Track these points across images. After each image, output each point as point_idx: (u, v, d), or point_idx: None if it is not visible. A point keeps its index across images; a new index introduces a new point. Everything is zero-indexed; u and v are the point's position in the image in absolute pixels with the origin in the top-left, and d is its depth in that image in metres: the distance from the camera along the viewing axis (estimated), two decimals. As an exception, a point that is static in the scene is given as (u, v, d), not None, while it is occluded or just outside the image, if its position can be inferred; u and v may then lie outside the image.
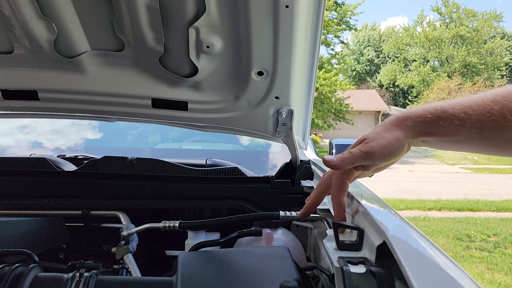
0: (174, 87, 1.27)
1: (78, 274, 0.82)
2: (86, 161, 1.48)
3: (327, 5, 13.27)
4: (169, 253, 1.47)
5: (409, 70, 36.92)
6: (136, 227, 1.20)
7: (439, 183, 9.77)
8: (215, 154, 2.38)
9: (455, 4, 33.19)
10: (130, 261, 1.11)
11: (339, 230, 0.73)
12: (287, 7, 0.95)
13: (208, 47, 1.09)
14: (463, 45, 33.13)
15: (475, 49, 32.55)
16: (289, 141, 1.41)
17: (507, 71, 34.63)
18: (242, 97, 1.26)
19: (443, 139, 0.68)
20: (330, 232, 0.74)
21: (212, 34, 1.06)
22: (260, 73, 1.16)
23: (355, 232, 0.71)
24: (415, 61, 36.13)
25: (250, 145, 2.56)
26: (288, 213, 1.09)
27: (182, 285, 0.79)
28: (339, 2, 17.89)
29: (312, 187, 1.28)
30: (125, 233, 1.18)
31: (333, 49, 19.19)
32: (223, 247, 1.12)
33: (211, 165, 1.62)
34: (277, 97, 1.23)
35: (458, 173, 12.27)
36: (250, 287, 0.79)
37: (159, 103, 1.32)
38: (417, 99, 34.25)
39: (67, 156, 1.77)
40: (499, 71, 33.42)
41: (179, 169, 1.45)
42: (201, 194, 1.44)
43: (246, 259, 0.91)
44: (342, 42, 21.21)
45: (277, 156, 2.17)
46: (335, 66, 20.20)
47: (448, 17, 34.28)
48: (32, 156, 1.60)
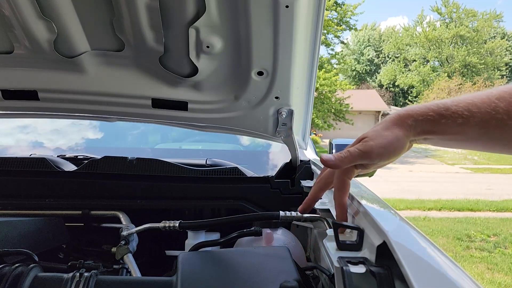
0: (174, 87, 1.27)
1: (78, 274, 0.82)
2: (86, 161, 1.48)
3: (327, 5, 13.25)
4: (169, 253, 1.47)
5: (409, 70, 36.92)
6: (136, 227, 1.20)
7: (439, 183, 9.77)
8: (215, 154, 2.38)
9: (455, 4, 33.19)
10: (130, 261, 1.11)
11: (339, 230, 0.73)
12: (287, 7, 0.95)
13: (208, 47, 1.09)
14: (463, 45, 33.14)
15: (475, 49, 32.55)
16: (289, 141, 1.41)
17: (507, 71, 34.63)
18: (242, 97, 1.26)
19: (446, 137, 0.66)
20: (330, 232, 0.74)
21: (212, 34, 1.06)
22: (260, 73, 1.16)
23: (355, 232, 0.71)
24: (415, 61, 36.13)
25: (250, 145, 2.56)
26: (288, 213, 1.09)
27: (182, 285, 0.79)
28: (339, 2, 17.89)
29: (312, 187, 1.28)
30: (125, 233, 1.18)
31: (333, 49, 19.19)
32: (223, 247, 1.12)
33: (211, 165, 1.62)
34: (277, 97, 1.23)
35: (458, 173, 12.27)
36: (250, 287, 0.79)
37: (159, 103, 1.32)
38: (417, 99, 34.26)
39: (67, 156, 1.77)
40: (499, 71, 33.43)
41: (179, 169, 1.45)
42: (201, 194, 1.44)
43: (246, 259, 0.90)
44: (342, 42, 21.21)
45: (277, 156, 2.17)
46: (335, 66, 20.20)
47: (448, 17, 34.29)
48: (32, 156, 1.60)
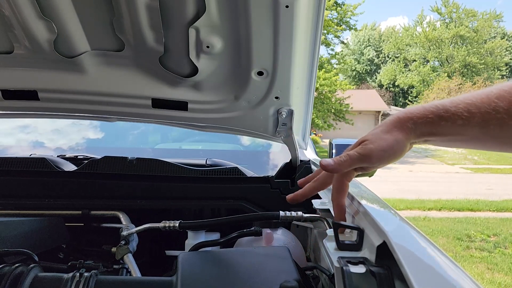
0: (174, 87, 1.27)
1: (78, 274, 0.82)
2: (86, 161, 1.48)
3: (327, 5, 13.24)
4: (169, 253, 1.47)
5: (409, 70, 36.93)
6: (136, 227, 1.20)
7: (439, 183, 9.77)
8: (215, 154, 2.38)
9: (455, 4, 33.20)
10: (130, 261, 1.11)
11: (339, 230, 0.73)
12: (287, 7, 0.95)
13: (208, 47, 1.09)
14: (463, 45, 33.14)
15: (475, 49, 32.56)
16: (289, 141, 1.41)
17: (507, 71, 34.63)
18: (242, 97, 1.26)
19: (446, 138, 0.65)
20: (330, 232, 0.74)
21: (212, 34, 1.06)
22: (260, 73, 1.16)
23: (355, 232, 0.71)
24: (415, 61, 36.14)
25: (250, 145, 2.56)
26: (288, 213, 1.09)
27: (182, 285, 0.79)
28: (339, 2, 17.89)
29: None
30: (125, 233, 1.18)
31: (333, 49, 19.19)
32: (223, 247, 1.12)
33: (211, 165, 1.62)
34: (277, 97, 1.23)
35: (458, 173, 12.27)
36: (250, 287, 0.79)
37: (159, 103, 1.32)
38: (417, 99, 34.27)
39: (67, 156, 1.77)
40: (499, 71, 33.43)
41: (179, 169, 1.45)
42: (201, 194, 1.44)
43: (246, 259, 0.90)
44: (342, 42, 21.21)
45: (277, 156, 2.17)
46: (335, 66, 20.20)
47: (448, 17, 34.30)
48: (32, 156, 1.60)
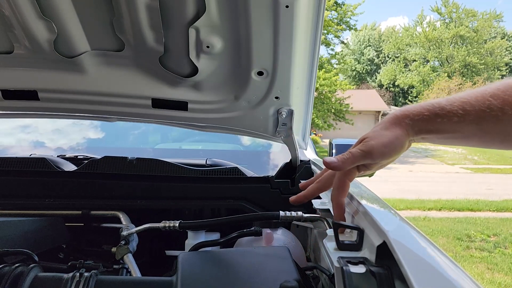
0: (174, 87, 1.27)
1: (78, 274, 0.82)
2: (86, 161, 1.48)
3: (327, 5, 13.25)
4: (169, 253, 1.47)
5: (409, 70, 36.93)
6: (136, 227, 1.20)
7: (439, 183, 9.77)
8: (215, 154, 2.38)
9: (455, 4, 33.19)
10: (130, 261, 1.11)
11: (339, 230, 0.73)
12: (287, 7, 0.95)
13: (208, 47, 1.09)
14: (463, 45, 33.14)
15: (475, 49, 32.56)
16: (289, 141, 1.41)
17: (507, 71, 34.61)
18: (242, 97, 1.26)
19: (443, 135, 0.67)
20: (330, 232, 0.74)
21: (212, 34, 1.06)
22: (260, 73, 1.16)
23: (355, 232, 0.71)
24: (415, 61, 36.14)
25: (250, 145, 2.56)
26: (288, 213, 1.09)
27: (182, 285, 0.79)
28: (339, 2, 17.89)
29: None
30: (125, 233, 1.18)
31: (333, 49, 19.18)
32: (223, 247, 1.12)
33: (211, 165, 1.62)
34: (277, 97, 1.23)
35: (458, 173, 12.27)
36: (250, 287, 0.79)
37: (159, 103, 1.32)
38: (417, 99, 34.27)
39: (67, 156, 1.77)
40: (499, 71, 33.43)
41: (179, 169, 1.45)
42: (201, 194, 1.44)
43: (246, 259, 0.90)
44: (342, 42, 21.20)
45: (277, 156, 2.17)
46: (335, 66, 20.19)
47: (448, 17, 34.30)
48: (32, 156, 1.60)
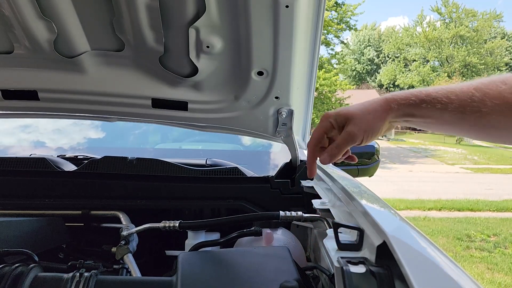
0: (174, 87, 1.27)
1: (78, 274, 0.82)
2: (86, 161, 1.48)
3: (327, 5, 13.24)
4: (169, 253, 1.47)
5: (409, 70, 36.91)
6: (136, 227, 1.20)
7: (439, 183, 9.77)
8: (215, 154, 2.37)
9: (455, 4, 33.18)
10: (130, 261, 1.11)
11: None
12: (287, 7, 0.95)
13: (208, 47, 1.09)
14: (463, 45, 33.12)
15: (475, 49, 32.54)
16: (289, 141, 1.41)
17: (507, 71, 34.61)
18: (242, 97, 1.26)
19: (426, 120, 0.72)
20: (330, 232, 0.74)
21: (212, 34, 1.06)
22: (260, 73, 1.16)
23: (355, 232, 0.71)
24: (415, 61, 36.13)
25: (250, 145, 2.56)
26: (288, 213, 1.09)
27: (182, 285, 0.79)
28: (339, 2, 17.88)
29: (312, 187, 1.28)
30: (125, 233, 1.18)
31: (333, 49, 19.17)
32: (223, 247, 1.12)
33: (211, 165, 1.62)
34: (277, 97, 1.23)
35: (458, 173, 12.27)
36: (250, 287, 0.79)
37: (159, 103, 1.32)
38: (417, 99, 34.16)
39: (67, 156, 1.77)
40: (499, 71, 33.40)
41: (179, 169, 1.45)
42: (201, 194, 1.44)
43: (246, 259, 0.91)
44: (342, 42, 21.16)
45: (277, 156, 2.17)
46: (335, 66, 20.18)
47: (448, 17, 34.28)
48: (32, 156, 1.60)
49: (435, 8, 34.03)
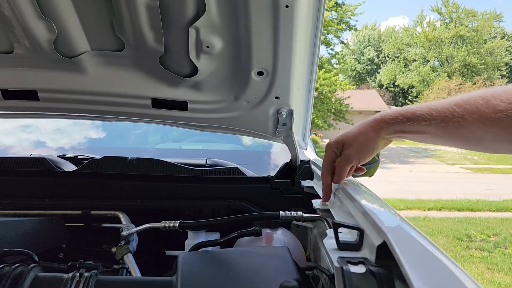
0: (174, 87, 1.27)
1: (78, 274, 0.82)
2: (86, 161, 1.48)
3: (327, 5, 13.23)
4: (169, 253, 1.47)
5: (409, 70, 36.90)
6: (136, 227, 1.20)
7: (439, 183, 9.77)
8: (215, 154, 2.38)
9: (455, 4, 33.17)
10: (130, 261, 1.11)
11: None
12: (287, 7, 0.95)
13: (208, 47, 1.09)
14: (463, 45, 33.11)
15: (475, 49, 32.52)
16: (289, 141, 1.41)
17: (507, 71, 34.61)
18: (242, 97, 1.26)
19: (414, 135, 0.81)
20: (330, 232, 0.74)
21: (212, 34, 1.06)
22: (260, 73, 1.16)
23: (355, 232, 0.71)
24: (415, 61, 36.12)
25: (250, 145, 2.56)
26: (288, 213, 1.09)
27: (182, 285, 0.79)
28: (339, 2, 17.87)
29: (312, 187, 1.28)
30: (125, 233, 1.18)
31: (333, 49, 19.16)
32: (223, 247, 1.12)
33: (211, 165, 1.62)
34: (277, 97, 1.23)
35: (458, 173, 12.26)
36: (250, 287, 0.79)
37: (159, 103, 1.32)
38: (417, 99, 34.24)
39: (67, 156, 1.77)
40: (499, 71, 33.39)
41: (179, 169, 1.45)
42: (201, 194, 1.44)
43: (246, 259, 0.91)
44: (342, 42, 21.15)
45: (277, 156, 2.17)
46: (335, 66, 20.17)
47: (448, 17, 34.27)
48: (32, 156, 1.60)
49: (435, 8, 34.02)
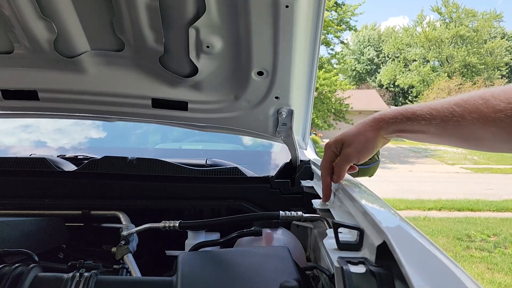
0: (174, 87, 1.27)
1: (78, 274, 0.82)
2: (86, 161, 1.48)
3: (327, 6, 13.25)
4: (169, 253, 1.47)
5: (409, 70, 36.90)
6: (136, 227, 1.20)
7: (439, 183, 9.76)
8: (215, 154, 2.38)
9: (455, 4, 33.17)
10: (130, 261, 1.11)
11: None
12: (287, 7, 0.95)
13: (208, 47, 1.09)
14: (463, 45, 33.11)
15: (475, 49, 32.52)
16: (289, 141, 1.41)
17: (507, 71, 34.61)
18: (242, 97, 1.26)
19: (413, 134, 0.81)
20: (330, 232, 0.74)
21: (212, 34, 1.06)
22: (260, 73, 1.16)
23: (355, 232, 0.71)
24: (415, 61, 36.11)
25: (250, 145, 2.56)
26: (288, 213, 1.09)
27: (182, 285, 0.79)
28: (339, 2, 17.86)
29: (312, 187, 1.28)
30: (125, 233, 1.18)
31: (333, 49, 19.16)
32: (223, 247, 1.12)
33: (211, 165, 1.62)
34: (277, 97, 1.23)
35: (458, 173, 12.26)
36: (250, 287, 0.79)
37: (159, 103, 1.32)
38: (417, 99, 34.24)
39: (67, 156, 1.77)
40: (499, 71, 33.39)
41: (179, 169, 1.45)
42: (201, 194, 1.44)
43: (246, 259, 0.91)
44: (342, 42, 21.14)
45: (277, 156, 2.17)
46: (335, 66, 20.17)
47: (448, 17, 34.27)
48: (32, 156, 1.60)
49: (435, 8, 34.02)
